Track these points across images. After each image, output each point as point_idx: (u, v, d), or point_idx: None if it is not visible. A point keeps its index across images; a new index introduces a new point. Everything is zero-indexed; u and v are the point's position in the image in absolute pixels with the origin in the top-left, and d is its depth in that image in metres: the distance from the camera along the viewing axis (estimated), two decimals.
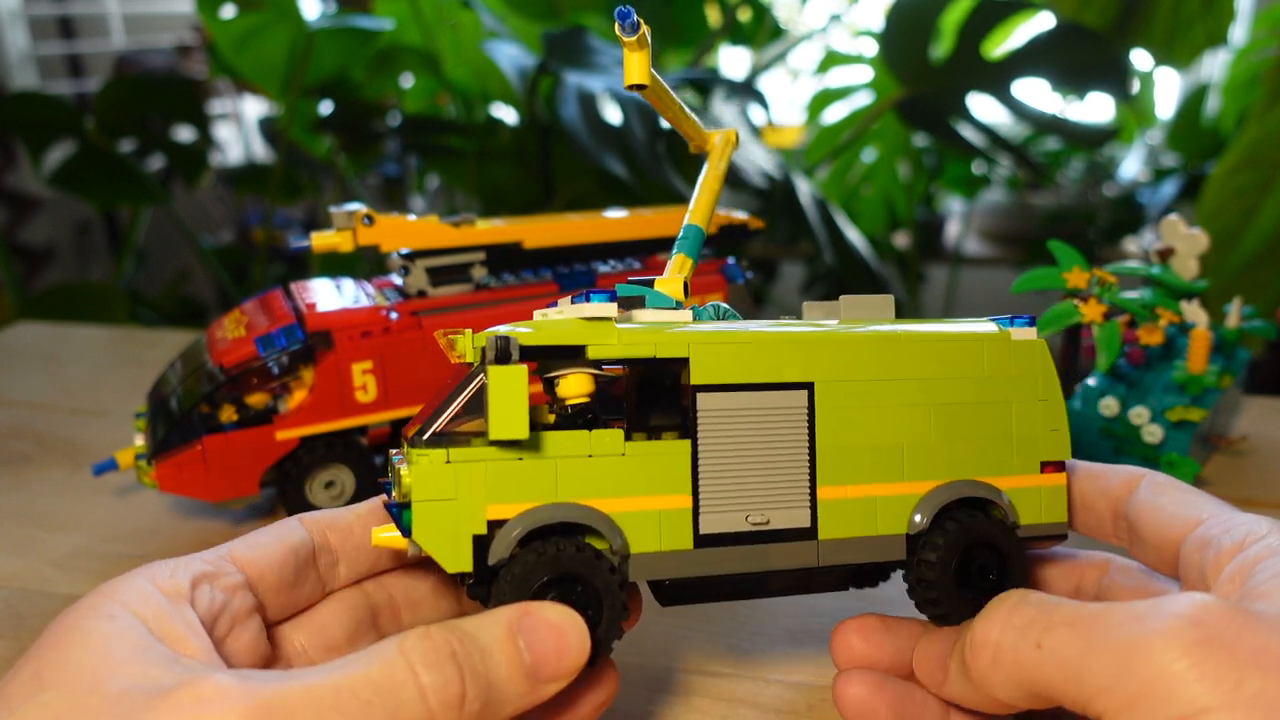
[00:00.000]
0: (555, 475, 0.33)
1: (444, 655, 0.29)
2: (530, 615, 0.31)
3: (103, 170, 1.67)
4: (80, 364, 0.92)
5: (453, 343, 0.35)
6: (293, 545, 0.35)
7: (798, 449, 0.36)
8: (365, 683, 0.27)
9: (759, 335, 0.36)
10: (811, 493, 0.36)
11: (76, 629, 0.28)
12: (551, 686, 0.31)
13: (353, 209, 0.57)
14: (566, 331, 0.34)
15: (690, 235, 0.42)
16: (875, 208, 1.85)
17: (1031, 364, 0.39)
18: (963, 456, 0.38)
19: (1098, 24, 1.39)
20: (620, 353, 0.34)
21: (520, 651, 0.30)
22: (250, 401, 0.57)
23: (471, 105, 1.72)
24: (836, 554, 0.36)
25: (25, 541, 0.59)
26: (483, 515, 0.32)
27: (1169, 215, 0.67)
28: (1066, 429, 0.39)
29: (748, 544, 0.35)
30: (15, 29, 2.39)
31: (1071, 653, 0.28)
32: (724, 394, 0.35)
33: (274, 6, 1.41)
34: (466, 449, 0.32)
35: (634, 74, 0.38)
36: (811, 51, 2.19)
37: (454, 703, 0.28)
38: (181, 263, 2.37)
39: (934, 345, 0.38)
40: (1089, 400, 0.62)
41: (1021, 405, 0.38)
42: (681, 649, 0.48)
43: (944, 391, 0.37)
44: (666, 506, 0.34)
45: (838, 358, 0.36)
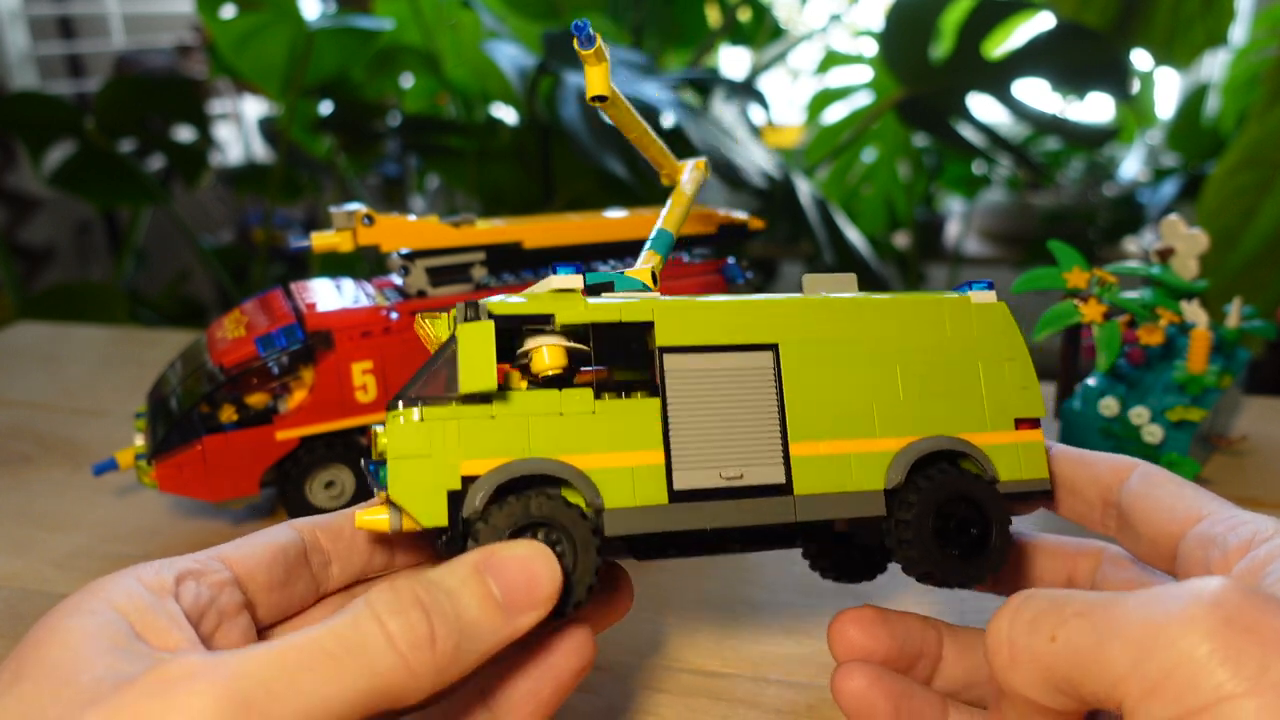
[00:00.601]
0: (527, 432, 0.34)
1: (408, 601, 0.29)
2: (494, 554, 0.32)
3: (103, 170, 1.67)
4: (80, 364, 0.92)
5: (430, 327, 0.36)
6: (281, 545, 0.35)
7: (767, 407, 0.36)
8: (332, 638, 0.27)
9: (722, 301, 0.37)
10: (784, 450, 0.36)
11: (57, 626, 0.28)
12: (527, 617, 0.31)
13: (353, 209, 0.57)
14: (535, 301, 0.35)
15: (660, 236, 0.43)
16: (875, 208, 1.85)
17: (994, 325, 0.40)
18: (934, 414, 0.38)
19: (1098, 24, 1.39)
20: (586, 317, 0.35)
21: (488, 586, 0.31)
22: (250, 401, 0.57)
23: (471, 105, 1.72)
24: (814, 509, 0.36)
25: (25, 541, 0.59)
26: (457, 471, 0.33)
27: (1169, 215, 0.67)
28: (1038, 387, 0.39)
29: (723, 499, 0.35)
30: (15, 29, 2.39)
31: (1087, 643, 0.28)
32: (690, 355, 0.36)
33: (274, 6, 1.41)
34: (440, 407, 0.33)
35: (594, 86, 0.39)
36: (811, 51, 2.19)
37: (423, 643, 0.28)
38: (181, 263, 2.37)
39: (895, 307, 0.39)
40: (1089, 400, 0.62)
41: (989, 365, 0.39)
42: (681, 649, 0.48)
43: (908, 352, 0.38)
44: (639, 463, 0.35)
45: (801, 320, 0.37)
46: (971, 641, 0.38)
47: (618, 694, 0.45)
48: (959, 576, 0.37)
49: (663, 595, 0.53)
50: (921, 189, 2.27)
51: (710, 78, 1.37)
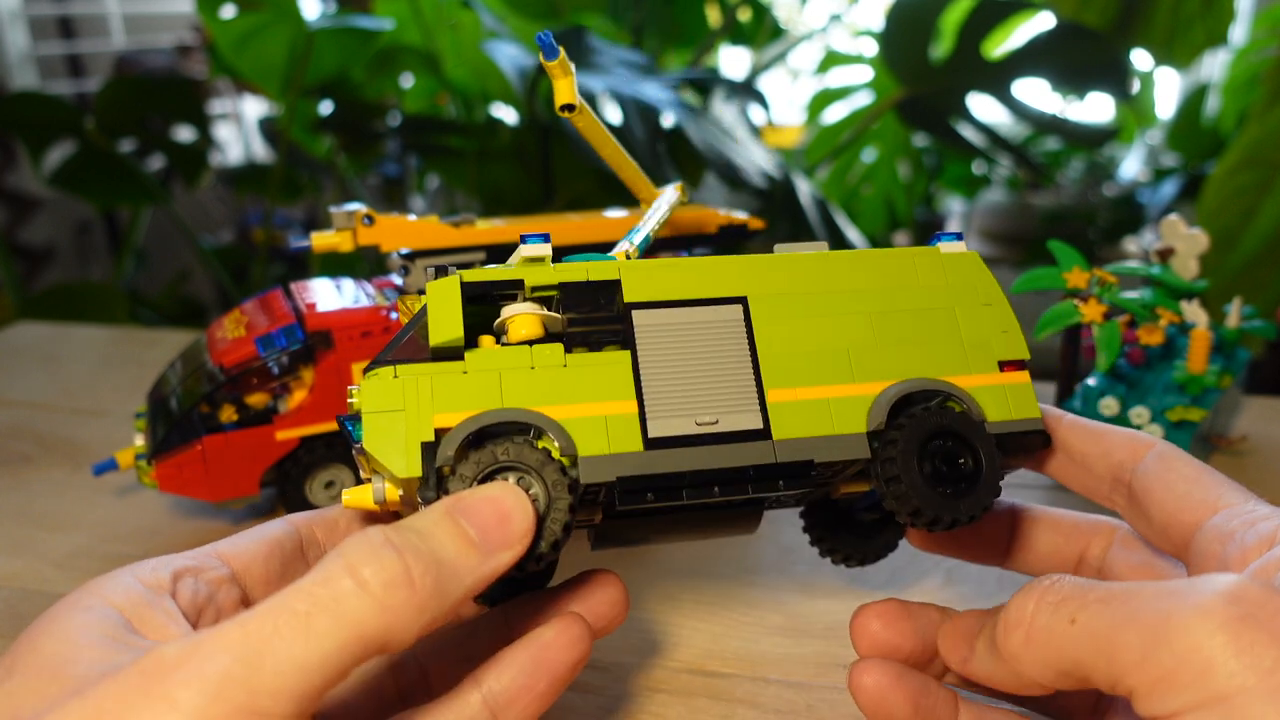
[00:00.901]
0: (500, 385, 0.34)
1: (378, 544, 0.28)
2: (464, 498, 0.32)
3: (103, 170, 1.67)
4: (80, 364, 0.92)
5: (410, 307, 0.37)
6: (278, 539, 0.36)
7: (739, 357, 0.37)
8: (300, 596, 0.27)
9: (689, 259, 0.38)
10: (760, 396, 0.36)
11: (52, 622, 0.28)
12: (503, 555, 0.31)
13: (353, 209, 0.57)
14: (506, 269, 0.36)
15: (637, 234, 0.44)
16: (875, 208, 1.85)
17: (967, 273, 0.40)
18: (913, 358, 0.38)
19: (1098, 24, 1.39)
20: (554, 278, 0.36)
21: (461, 526, 0.30)
22: (250, 401, 0.57)
23: (471, 105, 1.72)
24: (795, 452, 0.35)
25: (25, 541, 0.59)
26: (430, 424, 0.33)
27: (1169, 215, 0.67)
28: (1019, 330, 0.39)
29: (701, 445, 0.35)
30: (15, 29, 2.39)
31: (1104, 627, 0.28)
32: (658, 310, 0.36)
33: (274, 6, 1.41)
34: (413, 365, 0.34)
35: (562, 95, 0.41)
36: (811, 51, 2.19)
37: (399, 581, 0.28)
38: (181, 263, 2.37)
39: (863, 259, 0.39)
40: (1089, 400, 0.62)
41: (966, 310, 0.39)
42: (681, 649, 0.48)
43: (880, 300, 0.38)
44: (613, 412, 0.35)
45: (768, 274, 0.38)
46: None
47: (618, 694, 0.45)
48: (951, 513, 0.35)
49: (663, 595, 0.53)
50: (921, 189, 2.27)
51: (710, 78, 1.37)
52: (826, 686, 0.45)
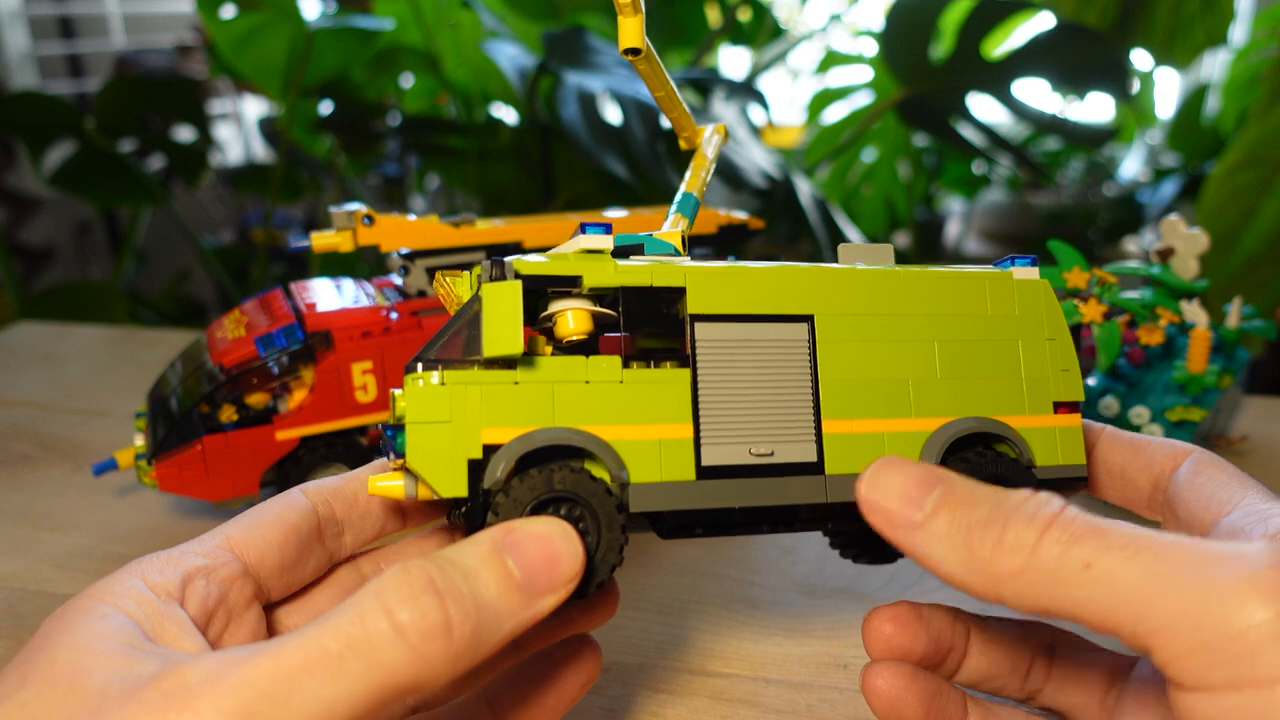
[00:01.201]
0: (552, 400, 0.32)
1: (420, 586, 0.27)
2: (514, 531, 0.30)
3: (103, 170, 1.67)
4: (80, 364, 0.92)
5: (451, 286, 0.34)
6: (294, 523, 0.34)
7: (800, 382, 0.35)
8: (334, 635, 0.25)
9: (758, 268, 0.35)
10: (816, 427, 0.35)
11: (65, 628, 0.28)
12: (548, 599, 0.29)
13: (353, 209, 0.57)
14: (564, 261, 0.33)
15: (686, 200, 0.42)
16: (875, 208, 1.85)
17: (1036, 303, 0.38)
18: (971, 394, 0.37)
19: (1098, 24, 1.39)
20: (616, 281, 0.33)
21: (508, 567, 0.29)
22: (250, 401, 0.57)
23: (471, 105, 1.72)
24: (846, 490, 0.35)
25: (25, 541, 0.59)
26: (478, 439, 0.31)
27: (1169, 215, 0.67)
28: (1078, 369, 0.38)
29: (752, 477, 0.34)
30: (15, 29, 2.39)
31: (1131, 581, 0.26)
32: (722, 324, 0.34)
33: (274, 6, 1.41)
34: (462, 371, 0.32)
35: (629, 38, 0.37)
36: (811, 51, 2.19)
37: (437, 631, 0.26)
38: (181, 263, 2.37)
39: (935, 281, 0.37)
40: (1089, 400, 0.62)
41: (1029, 344, 0.38)
42: (681, 649, 0.48)
43: (948, 328, 0.37)
44: (667, 436, 0.33)
45: (838, 291, 0.36)
46: (998, 637, 0.38)
47: (618, 694, 0.45)
48: None
49: (663, 595, 0.53)
50: (921, 189, 2.27)
51: (710, 78, 1.37)
52: (826, 686, 0.45)
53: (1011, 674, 0.38)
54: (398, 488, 0.32)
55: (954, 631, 0.37)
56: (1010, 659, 0.38)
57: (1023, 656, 0.38)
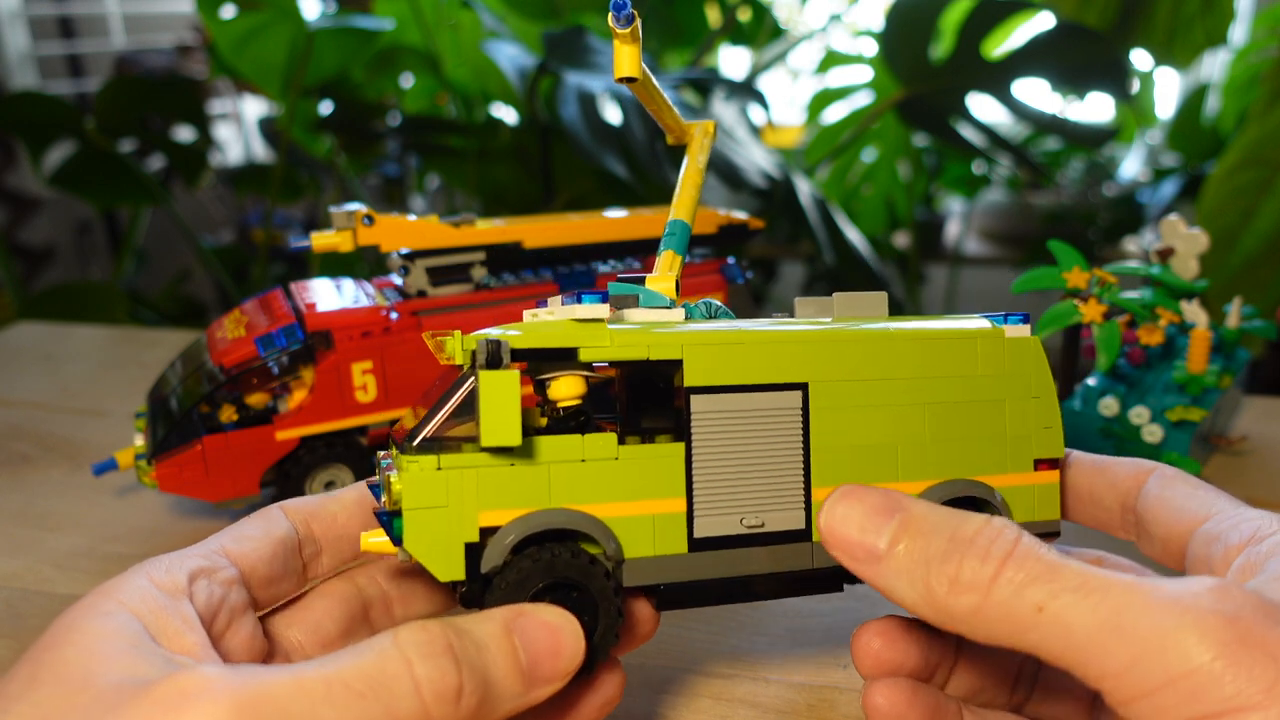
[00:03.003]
0: (548, 481, 0.33)
1: (440, 647, 0.28)
2: (525, 615, 0.31)
3: (103, 170, 1.67)
4: (80, 364, 0.92)
5: (441, 344, 0.34)
6: (280, 538, 0.35)
7: (792, 450, 0.35)
8: (358, 675, 0.27)
9: (753, 335, 0.35)
10: (806, 494, 0.35)
11: (72, 628, 0.28)
12: (546, 689, 0.31)
13: (353, 209, 0.57)
14: (558, 334, 0.33)
15: (677, 231, 0.41)
16: (875, 208, 1.85)
17: (1025, 361, 0.38)
18: (957, 455, 0.37)
19: (1098, 24, 1.39)
20: (613, 355, 0.34)
21: (516, 649, 0.30)
22: (250, 401, 0.57)
23: (471, 105, 1.72)
24: (831, 556, 0.35)
25: (25, 541, 0.59)
26: (475, 522, 0.32)
27: (1169, 215, 0.67)
28: (1060, 426, 0.39)
29: (742, 547, 0.35)
30: (15, 29, 2.39)
31: (1082, 625, 0.27)
32: (718, 395, 0.35)
33: (274, 6, 1.41)
34: (458, 455, 0.32)
35: (625, 66, 0.37)
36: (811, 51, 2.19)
37: (450, 696, 0.28)
38: (181, 263, 2.37)
39: (928, 344, 0.37)
40: (1089, 400, 0.62)
41: (1015, 403, 0.38)
42: (681, 649, 0.48)
43: (938, 390, 0.37)
44: (661, 511, 0.34)
45: (832, 357, 0.36)
46: (985, 649, 0.38)
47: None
48: None
49: None
50: (921, 189, 2.27)
51: (710, 78, 1.37)
52: (826, 686, 0.45)
53: (999, 686, 0.38)
54: (390, 547, 0.32)
55: (943, 644, 0.37)
56: (997, 672, 0.38)
57: (1009, 669, 0.38)
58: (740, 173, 1.13)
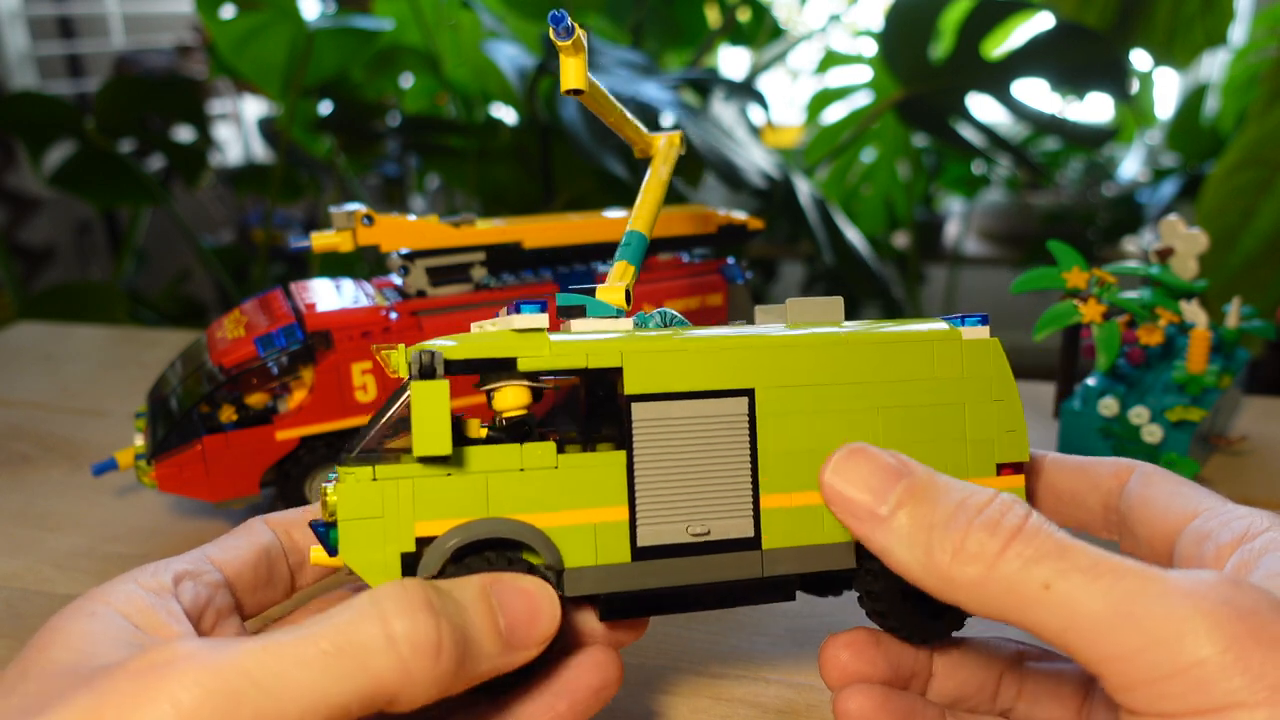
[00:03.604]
0: (486, 490, 0.32)
1: (419, 603, 0.28)
2: (501, 581, 0.31)
3: (103, 170, 1.67)
4: (80, 364, 0.92)
5: (387, 358, 0.34)
6: (263, 546, 0.36)
7: (739, 457, 0.35)
8: (330, 634, 0.26)
9: (696, 342, 0.35)
10: (754, 502, 0.35)
11: (60, 629, 0.29)
12: (523, 654, 0.31)
13: (353, 209, 0.57)
14: (496, 344, 0.33)
15: (632, 242, 0.41)
16: (875, 208, 1.85)
17: (984, 364, 0.37)
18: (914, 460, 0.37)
19: (1097, 24, 1.39)
20: (551, 363, 0.33)
21: (494, 610, 0.30)
22: (250, 401, 0.57)
23: (471, 105, 1.72)
24: (782, 563, 0.35)
25: (25, 541, 0.59)
26: (411, 532, 0.32)
27: (1168, 215, 0.67)
28: (1024, 429, 0.38)
29: (688, 555, 0.34)
30: (15, 29, 2.39)
31: (1089, 609, 0.26)
32: (660, 403, 0.34)
33: (274, 6, 1.41)
34: (394, 465, 0.32)
35: (570, 79, 0.37)
36: (811, 51, 2.19)
37: (429, 650, 0.27)
38: (181, 263, 2.37)
39: (880, 347, 0.36)
40: (1089, 400, 0.62)
41: (975, 406, 0.37)
42: (681, 649, 0.48)
43: (892, 395, 0.36)
44: (602, 520, 0.33)
45: (779, 363, 0.35)
46: (962, 657, 0.38)
47: (619, 694, 0.45)
48: (921, 634, 0.36)
49: None
50: (921, 189, 2.27)
51: (710, 78, 1.37)
52: (826, 687, 0.45)
53: (980, 692, 0.37)
54: (337, 559, 0.32)
55: (915, 655, 0.37)
56: (977, 677, 0.37)
57: (990, 674, 0.37)
58: (740, 173, 1.13)
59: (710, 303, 0.64)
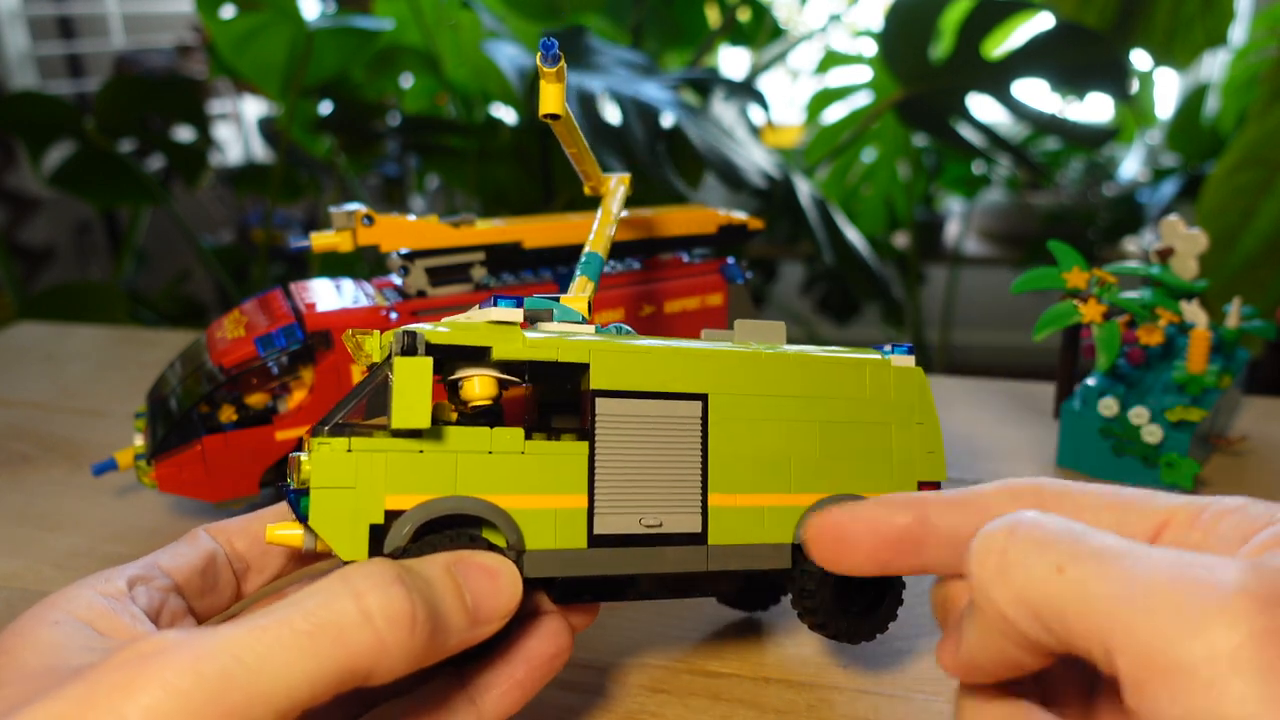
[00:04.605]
0: (455, 469, 0.34)
1: (390, 578, 0.28)
2: (463, 559, 0.32)
3: (103, 170, 1.67)
4: (80, 364, 0.92)
5: (360, 343, 0.35)
6: (208, 552, 0.36)
7: (691, 457, 0.37)
8: (304, 616, 0.27)
9: (657, 347, 0.38)
10: (703, 499, 0.37)
11: (24, 634, 0.29)
12: (487, 628, 0.31)
13: (352, 209, 0.57)
14: (474, 332, 0.35)
15: (591, 260, 0.44)
16: (875, 208, 1.85)
17: (910, 389, 0.41)
18: (845, 472, 0.40)
19: (1097, 24, 1.39)
20: (524, 354, 0.35)
21: (461, 587, 0.31)
22: (250, 401, 0.57)
23: (471, 105, 1.72)
24: (725, 559, 0.37)
25: (25, 541, 0.59)
26: (381, 505, 0.33)
27: (1168, 215, 0.67)
28: (942, 452, 0.41)
29: (640, 546, 0.36)
30: (15, 29, 2.39)
31: (1102, 593, 0.24)
32: (622, 400, 0.36)
33: (274, 6, 1.41)
34: (368, 439, 0.33)
35: (549, 104, 0.39)
36: (811, 51, 2.19)
37: (404, 621, 0.28)
38: (181, 263, 2.37)
39: (820, 366, 0.40)
40: (1089, 400, 0.62)
41: (900, 427, 0.41)
42: (681, 649, 0.48)
43: (828, 409, 0.40)
44: (563, 506, 0.35)
45: (732, 371, 0.38)
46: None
47: (616, 694, 0.45)
48: (850, 634, 0.40)
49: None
50: (921, 189, 2.27)
51: (710, 78, 1.37)
52: (827, 686, 0.45)
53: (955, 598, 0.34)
54: (296, 537, 0.33)
55: None
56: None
57: None
58: (740, 173, 1.13)
59: (710, 303, 0.64)
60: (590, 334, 0.37)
